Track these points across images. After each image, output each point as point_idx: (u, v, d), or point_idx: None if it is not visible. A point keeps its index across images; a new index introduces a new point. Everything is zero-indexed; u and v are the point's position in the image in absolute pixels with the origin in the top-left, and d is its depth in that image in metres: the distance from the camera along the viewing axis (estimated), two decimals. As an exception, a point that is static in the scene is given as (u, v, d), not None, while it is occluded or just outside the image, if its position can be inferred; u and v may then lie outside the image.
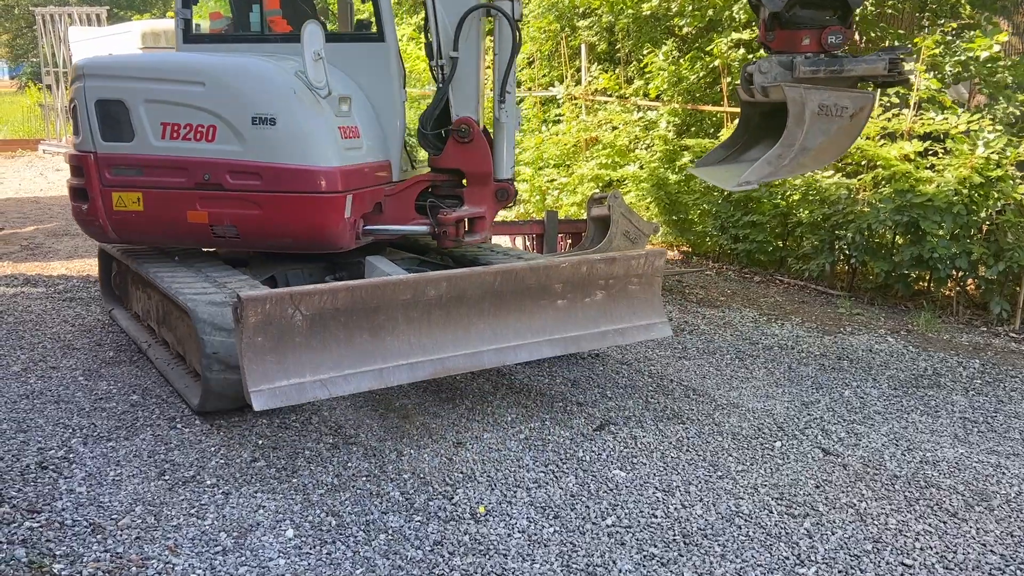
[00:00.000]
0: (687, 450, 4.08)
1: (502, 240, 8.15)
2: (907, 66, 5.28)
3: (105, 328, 5.76)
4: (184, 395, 4.48)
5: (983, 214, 6.38)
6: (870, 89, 5.17)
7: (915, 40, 7.17)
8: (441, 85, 5.08)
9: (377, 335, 3.98)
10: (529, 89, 11.87)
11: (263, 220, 4.75)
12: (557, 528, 3.34)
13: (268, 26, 5.42)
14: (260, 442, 4.02)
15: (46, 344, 5.37)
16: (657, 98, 9.62)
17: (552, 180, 10.19)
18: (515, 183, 5.32)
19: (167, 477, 3.64)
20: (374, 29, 5.20)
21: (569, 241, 8.36)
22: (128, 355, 5.21)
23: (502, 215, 11.08)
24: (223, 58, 4.90)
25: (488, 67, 5.39)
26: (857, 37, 8.25)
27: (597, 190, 9.14)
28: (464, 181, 5.34)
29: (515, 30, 5.06)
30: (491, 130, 5.32)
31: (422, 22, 15.46)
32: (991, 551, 3.27)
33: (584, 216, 8.19)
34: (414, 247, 6.00)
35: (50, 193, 12.89)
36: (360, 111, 5.02)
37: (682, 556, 3.17)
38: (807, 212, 7.45)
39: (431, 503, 3.50)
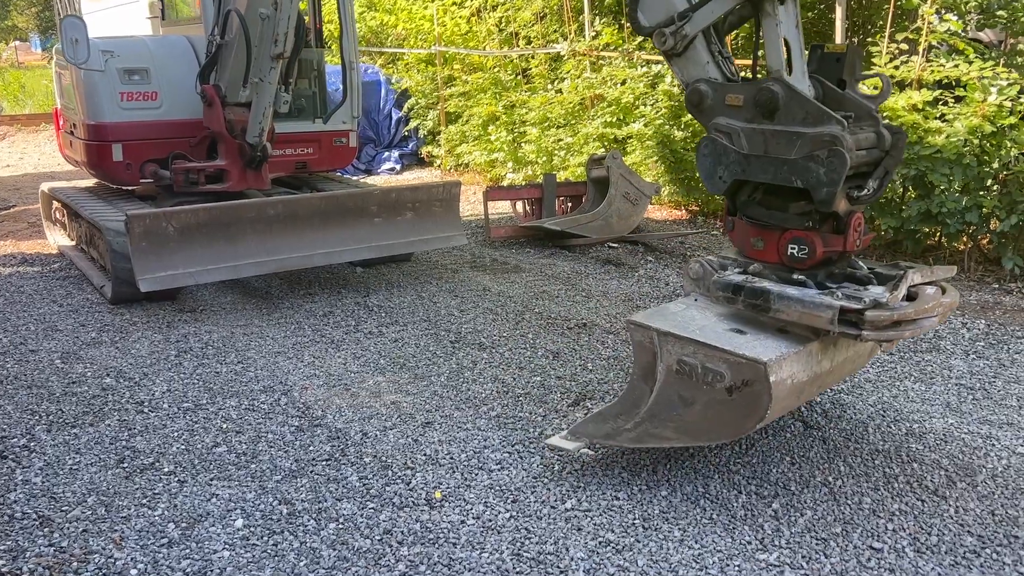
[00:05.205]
0: (661, 426, 3.94)
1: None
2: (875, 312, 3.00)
3: (92, 307, 5.75)
4: (102, 292, 5.93)
5: (995, 165, 6.06)
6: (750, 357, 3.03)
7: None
8: (208, 57, 6.06)
9: (232, 241, 5.42)
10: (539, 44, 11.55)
11: (82, 157, 6.47)
12: (513, 513, 3.24)
13: (195, 8, 6.96)
14: (224, 426, 3.97)
15: (30, 326, 5.37)
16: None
17: (558, 140, 9.94)
18: (263, 147, 5.98)
19: (125, 465, 3.60)
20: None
21: (569, 204, 8.15)
22: (110, 336, 5.19)
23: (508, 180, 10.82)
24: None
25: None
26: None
27: (599, 151, 8.88)
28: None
29: (272, 33, 5.61)
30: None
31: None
32: (968, 532, 3.10)
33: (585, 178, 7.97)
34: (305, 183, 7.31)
35: (68, 167, 12.90)
36: (175, 79, 6.32)
37: (638, 542, 3.05)
38: (814, 167, 7.13)
39: (388, 488, 3.42)
